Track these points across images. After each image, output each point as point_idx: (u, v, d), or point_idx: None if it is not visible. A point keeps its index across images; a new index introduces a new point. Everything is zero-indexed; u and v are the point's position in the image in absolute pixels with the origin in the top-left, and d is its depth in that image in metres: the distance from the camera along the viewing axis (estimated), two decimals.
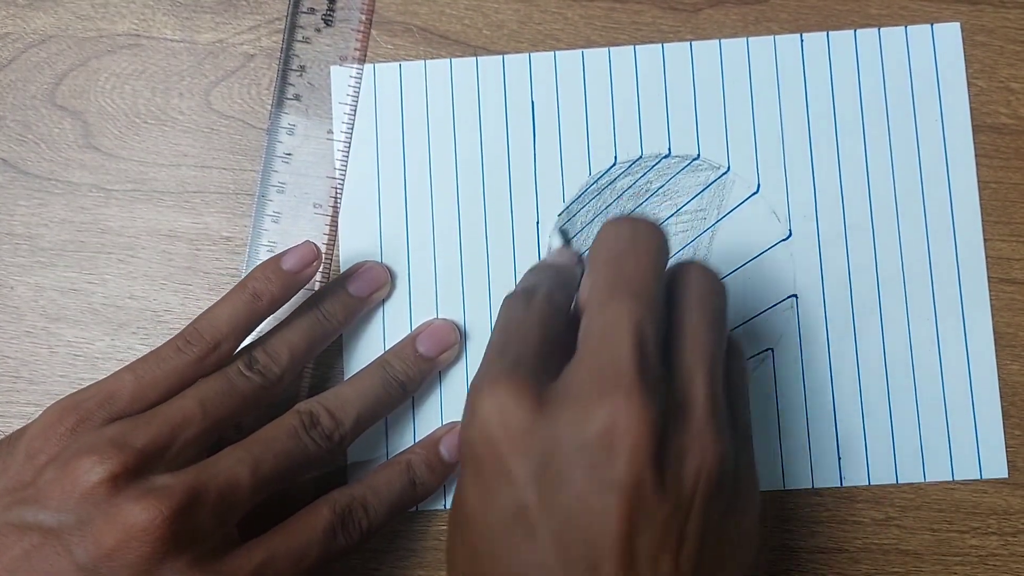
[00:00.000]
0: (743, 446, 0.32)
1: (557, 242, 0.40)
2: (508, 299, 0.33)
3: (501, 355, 0.31)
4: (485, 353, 0.32)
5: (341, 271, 0.40)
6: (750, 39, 0.41)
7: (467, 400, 0.31)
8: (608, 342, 0.29)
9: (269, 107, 0.41)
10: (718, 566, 0.29)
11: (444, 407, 0.40)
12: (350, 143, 0.41)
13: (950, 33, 0.41)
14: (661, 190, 0.41)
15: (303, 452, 0.35)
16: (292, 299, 0.38)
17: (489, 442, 0.29)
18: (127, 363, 0.35)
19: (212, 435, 0.34)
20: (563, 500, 0.28)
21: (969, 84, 0.41)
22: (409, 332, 0.40)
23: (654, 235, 0.32)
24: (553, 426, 0.29)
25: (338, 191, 0.41)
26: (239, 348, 0.36)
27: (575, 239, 0.40)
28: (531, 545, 0.28)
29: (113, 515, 0.31)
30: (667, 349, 0.31)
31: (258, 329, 0.37)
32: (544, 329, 0.32)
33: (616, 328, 0.29)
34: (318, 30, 0.41)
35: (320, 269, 0.37)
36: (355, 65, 0.41)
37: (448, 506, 0.39)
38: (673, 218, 0.41)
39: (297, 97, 0.41)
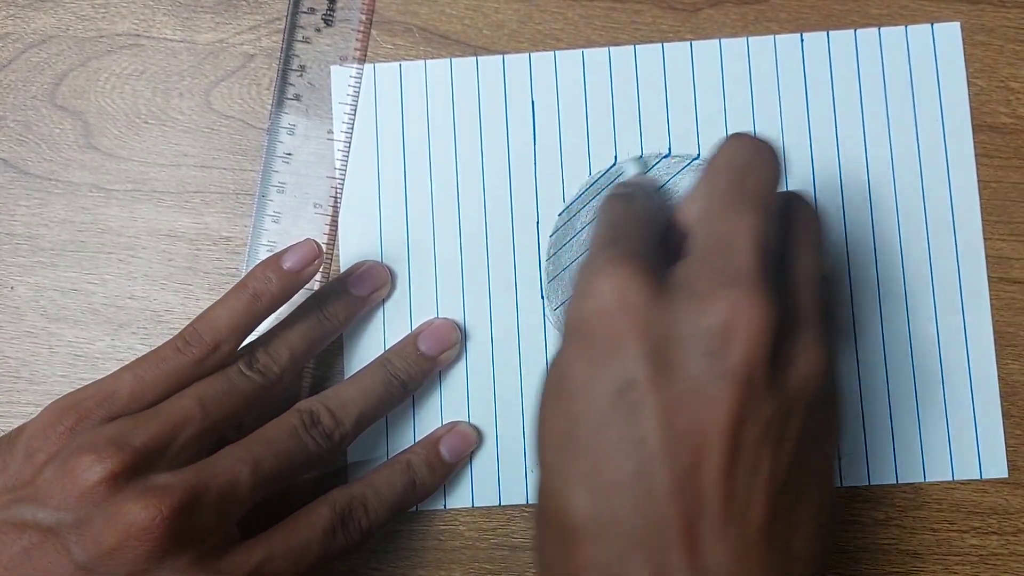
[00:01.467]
0: (835, 372, 0.32)
1: (632, 169, 0.40)
2: (608, 200, 0.34)
3: (614, 243, 0.31)
4: (592, 244, 0.32)
5: (341, 271, 0.40)
6: (750, 39, 0.41)
7: (579, 278, 0.30)
8: (730, 244, 0.29)
9: (269, 107, 0.41)
10: (805, 481, 0.29)
11: (444, 407, 0.40)
12: (350, 143, 0.41)
13: (950, 33, 0.41)
14: (661, 190, 0.41)
15: (303, 451, 0.35)
16: (294, 299, 0.38)
17: (605, 317, 0.29)
18: (127, 363, 0.35)
19: (212, 434, 0.34)
20: (674, 381, 0.28)
21: (969, 84, 0.41)
22: (409, 332, 0.40)
23: (775, 155, 0.32)
24: (672, 311, 0.29)
25: (338, 191, 0.41)
26: (240, 347, 0.36)
27: (569, 269, 0.40)
28: (635, 419, 0.28)
29: (112, 514, 0.31)
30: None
31: (259, 328, 0.37)
32: (653, 225, 0.32)
33: (738, 233, 0.29)
34: (318, 30, 0.41)
35: (321, 268, 0.37)
36: (355, 65, 0.41)
37: (448, 506, 0.39)
38: None
39: (297, 97, 0.41)
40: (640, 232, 0.32)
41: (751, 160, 0.32)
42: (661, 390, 0.28)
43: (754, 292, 0.28)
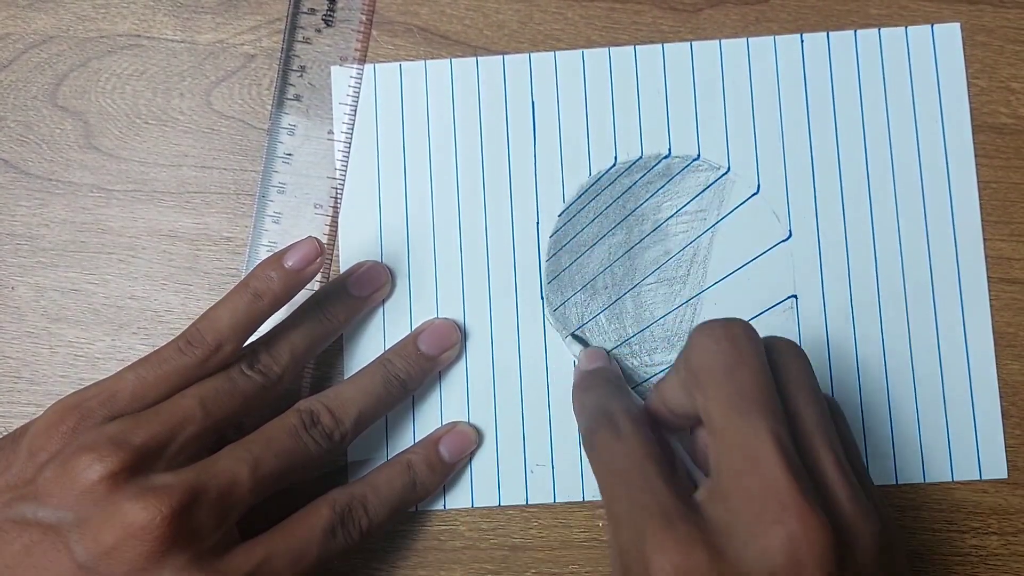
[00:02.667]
0: (876, 497, 0.32)
1: (577, 348, 0.40)
2: (595, 438, 0.33)
3: (640, 506, 0.30)
4: (613, 504, 0.32)
5: (341, 271, 0.40)
6: (750, 39, 0.41)
7: (629, 563, 0.30)
8: (756, 466, 0.29)
9: (269, 107, 0.41)
10: None
11: (444, 407, 0.40)
12: (350, 143, 0.41)
13: (950, 33, 0.41)
14: (661, 191, 0.41)
15: (303, 451, 0.35)
16: (294, 299, 0.38)
17: None
18: (128, 363, 0.35)
19: (212, 434, 0.34)
20: None
21: (969, 84, 0.41)
22: (409, 331, 0.40)
23: (752, 338, 0.32)
24: (736, 569, 0.29)
25: (338, 191, 0.41)
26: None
27: (569, 269, 0.40)
28: None
29: (112, 513, 0.31)
30: None
31: (261, 327, 0.37)
32: (656, 460, 0.32)
33: (759, 449, 0.29)
34: (318, 30, 0.42)
35: (323, 267, 0.37)
36: (355, 65, 0.41)
37: (448, 506, 0.39)
38: (673, 219, 0.41)
39: (297, 97, 0.41)
40: (654, 478, 0.31)
41: (733, 357, 0.31)
42: None
43: (804, 516, 0.28)
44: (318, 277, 0.40)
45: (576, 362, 0.40)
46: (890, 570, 0.30)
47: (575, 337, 0.40)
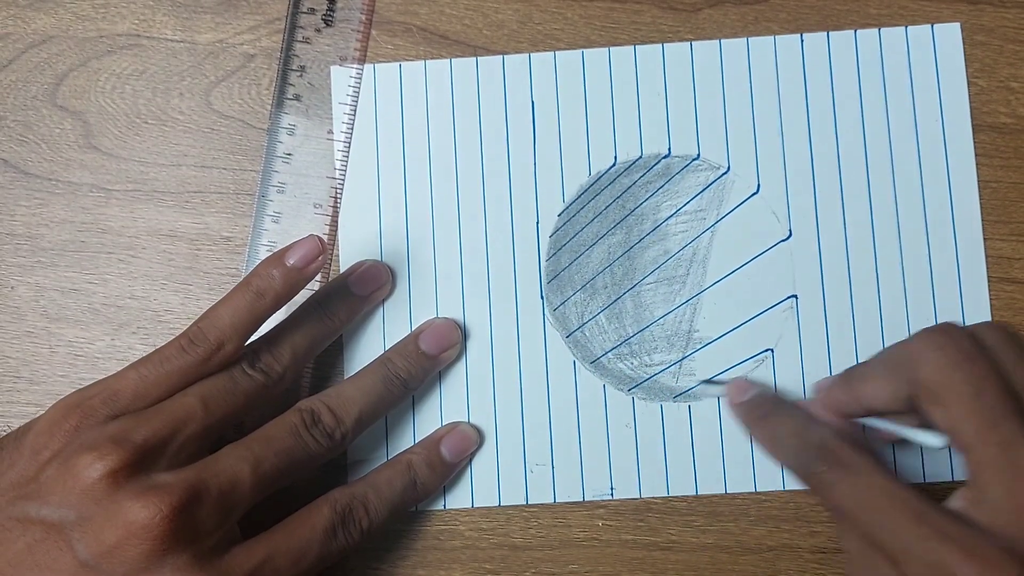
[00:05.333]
0: None
1: (715, 390, 0.40)
2: (825, 480, 0.33)
3: (925, 540, 0.30)
4: (885, 544, 0.31)
5: (341, 271, 0.40)
6: (750, 39, 0.41)
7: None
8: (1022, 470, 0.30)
9: (269, 107, 0.41)
10: None
11: (444, 407, 0.40)
12: (350, 143, 0.41)
13: (950, 33, 0.41)
14: (661, 190, 0.41)
15: (304, 450, 0.35)
16: (295, 299, 0.38)
17: None
18: (127, 363, 0.35)
19: (214, 432, 0.34)
20: None
21: (969, 84, 0.41)
22: (409, 331, 0.40)
23: (979, 345, 0.33)
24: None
25: (338, 191, 0.41)
26: None
27: (569, 269, 0.40)
28: None
29: (114, 512, 0.31)
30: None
31: (262, 327, 0.37)
32: (905, 487, 0.32)
33: (1020, 453, 0.31)
34: (318, 30, 0.41)
35: (324, 264, 0.37)
36: (355, 65, 0.41)
37: (448, 506, 0.39)
38: (673, 218, 0.41)
39: (297, 97, 0.41)
40: (913, 508, 0.31)
41: (975, 372, 0.32)
42: None
43: None
44: (318, 277, 0.40)
45: (719, 399, 0.40)
46: None
47: (708, 382, 0.40)
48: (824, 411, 0.36)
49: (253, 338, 0.37)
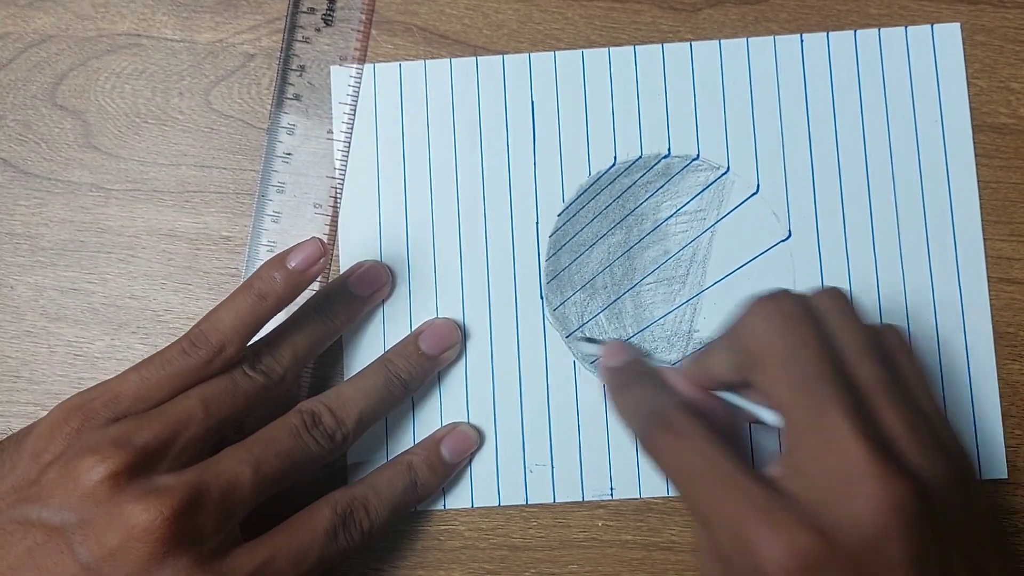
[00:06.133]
0: (945, 435, 0.33)
1: (592, 348, 0.40)
2: (653, 441, 0.34)
3: (728, 502, 0.31)
4: (698, 505, 0.32)
5: (341, 271, 0.40)
6: (750, 39, 0.41)
7: (733, 558, 0.31)
8: (831, 441, 0.30)
9: (269, 107, 0.41)
10: (982, 557, 0.32)
11: (443, 407, 0.40)
12: (350, 143, 0.41)
13: (950, 33, 0.41)
14: (661, 190, 0.41)
15: (305, 451, 0.35)
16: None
17: None
18: (127, 363, 0.35)
19: (215, 434, 0.34)
20: None
21: (969, 84, 0.41)
22: (409, 331, 0.40)
23: (805, 311, 0.33)
24: (839, 543, 0.29)
25: (338, 191, 0.41)
26: None
27: (569, 269, 0.40)
28: None
29: (115, 515, 0.31)
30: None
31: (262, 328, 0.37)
32: (724, 450, 0.32)
33: (831, 426, 0.30)
34: (318, 30, 0.41)
35: (326, 266, 0.37)
36: (355, 65, 0.41)
37: (447, 506, 0.39)
38: (673, 218, 0.41)
39: (297, 97, 0.41)
40: (734, 472, 0.31)
41: (790, 335, 0.32)
42: None
43: (884, 480, 0.29)
44: (320, 278, 0.40)
45: (585, 363, 0.40)
46: (966, 503, 0.31)
47: (586, 339, 0.40)
48: (681, 383, 0.36)
49: (254, 340, 0.37)
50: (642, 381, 0.36)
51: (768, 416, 0.34)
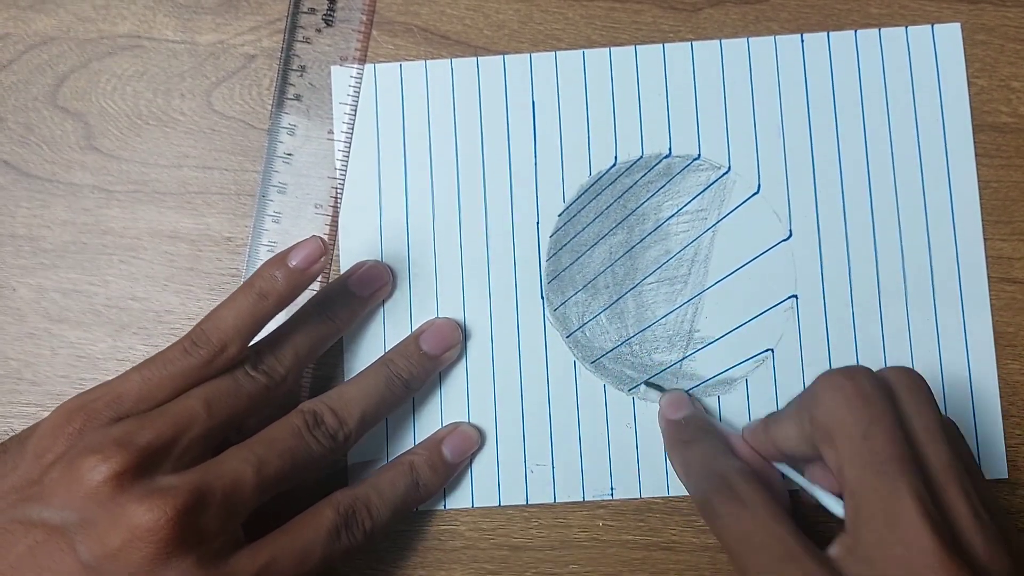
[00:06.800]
0: (1005, 525, 0.32)
1: (654, 395, 0.40)
2: (717, 507, 0.33)
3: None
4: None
5: (341, 271, 0.40)
6: (750, 39, 0.41)
7: None
8: (900, 527, 0.30)
9: (270, 108, 0.41)
10: None
11: (444, 407, 0.40)
12: (351, 143, 0.41)
13: (950, 33, 0.41)
14: (662, 190, 0.41)
15: (307, 451, 0.35)
16: (296, 300, 0.38)
17: None
18: (129, 364, 0.35)
19: (217, 435, 0.35)
20: None
21: (969, 83, 0.41)
22: (410, 331, 0.40)
23: (881, 389, 0.32)
24: None
25: (339, 191, 0.41)
26: None
27: (569, 269, 0.40)
28: None
29: (118, 515, 0.31)
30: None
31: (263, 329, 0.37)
32: (787, 523, 0.32)
33: (901, 511, 0.30)
34: (319, 30, 0.41)
35: (327, 265, 0.37)
36: (356, 65, 0.41)
37: (448, 506, 0.39)
38: (674, 218, 0.41)
39: (298, 97, 0.41)
40: (792, 544, 0.31)
41: (863, 412, 0.32)
42: None
43: (951, 573, 0.29)
44: (320, 278, 0.40)
45: (659, 409, 0.40)
46: None
47: (650, 385, 0.40)
48: (744, 448, 0.36)
49: (255, 340, 0.37)
50: (706, 441, 0.36)
51: (826, 499, 0.34)
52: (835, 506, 0.33)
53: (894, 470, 0.30)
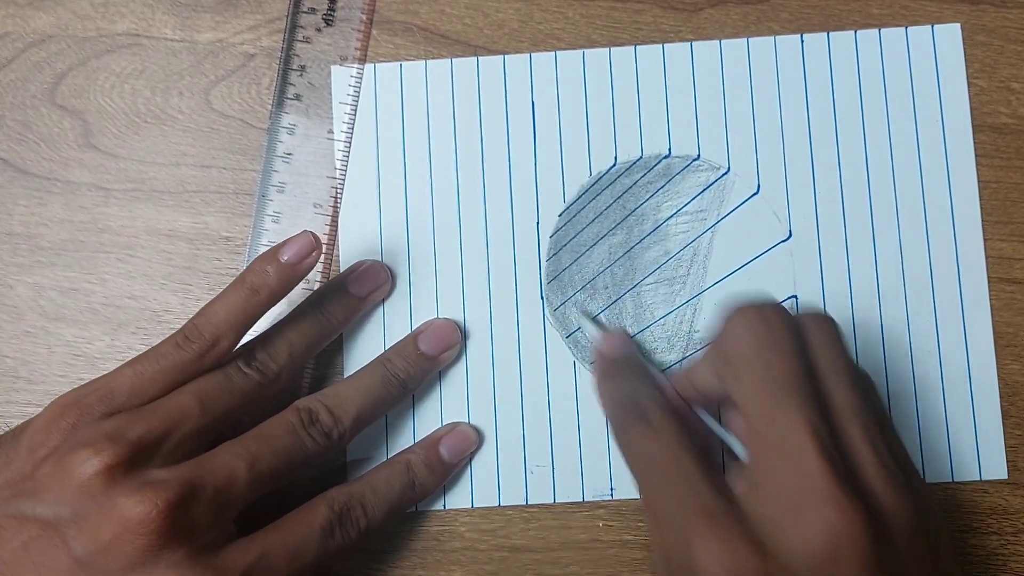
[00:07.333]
0: (913, 476, 0.32)
1: (591, 329, 0.40)
2: (625, 430, 0.34)
3: (681, 504, 0.31)
4: (654, 501, 0.32)
5: (341, 271, 0.40)
6: (750, 39, 0.41)
7: (674, 560, 0.30)
8: (792, 455, 0.30)
9: (269, 107, 0.41)
10: None
11: (444, 407, 0.40)
12: (350, 143, 0.41)
13: (950, 34, 0.41)
14: (661, 191, 0.41)
15: (301, 449, 0.35)
16: (293, 298, 0.38)
17: None
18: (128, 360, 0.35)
19: (210, 431, 0.34)
20: None
21: (969, 84, 0.41)
22: (409, 331, 0.40)
23: (786, 320, 0.32)
24: (779, 562, 0.29)
25: (338, 191, 0.41)
26: (239, 345, 0.36)
27: (569, 269, 0.40)
28: None
29: (109, 508, 0.31)
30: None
31: (259, 326, 0.37)
32: (693, 454, 0.32)
33: (794, 439, 0.30)
34: (319, 30, 0.41)
35: (321, 260, 0.37)
36: (356, 65, 0.41)
37: (447, 507, 0.39)
38: (673, 219, 0.41)
39: (297, 97, 0.41)
40: (694, 472, 0.31)
41: (766, 340, 0.32)
42: None
43: (841, 505, 0.29)
44: (318, 277, 0.40)
45: (579, 356, 0.40)
46: (932, 552, 0.30)
47: (587, 315, 0.40)
48: (668, 388, 0.36)
49: (250, 337, 0.37)
50: (635, 378, 0.36)
51: (733, 442, 0.34)
52: (741, 449, 0.33)
53: (790, 400, 0.30)
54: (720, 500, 0.30)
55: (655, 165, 0.41)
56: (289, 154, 0.41)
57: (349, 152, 0.41)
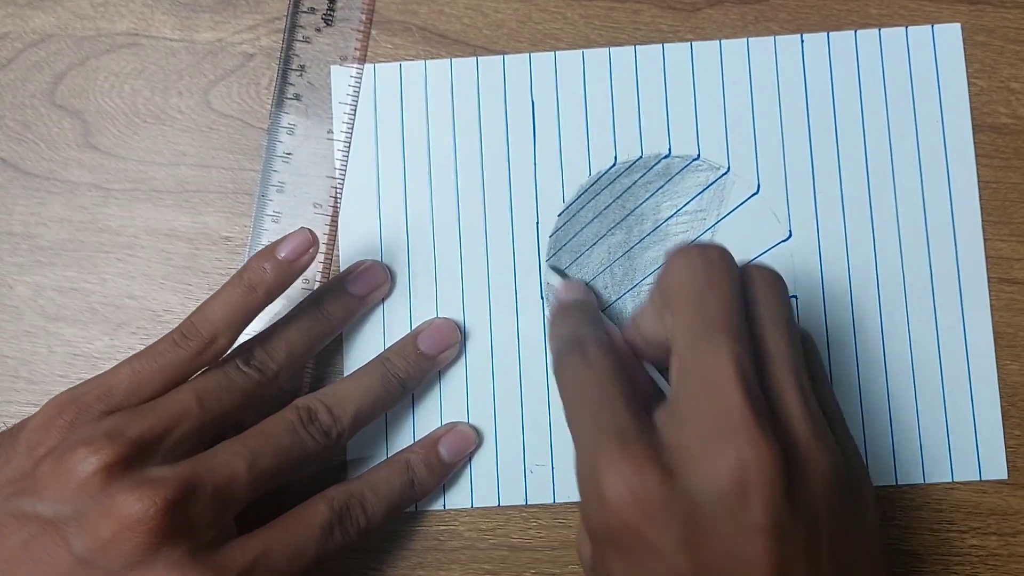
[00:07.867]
0: (843, 436, 0.32)
1: (556, 280, 0.40)
2: (561, 360, 0.34)
3: (598, 427, 0.31)
4: (574, 425, 0.32)
5: (341, 271, 0.40)
6: (750, 39, 0.41)
7: (585, 480, 0.31)
8: (713, 388, 0.30)
9: (269, 107, 0.41)
10: (855, 564, 0.30)
11: (443, 407, 0.40)
12: (350, 143, 0.41)
13: (950, 34, 0.41)
14: (661, 190, 0.41)
15: (300, 447, 0.35)
16: (293, 297, 0.38)
17: (629, 523, 0.29)
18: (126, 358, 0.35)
19: (209, 429, 0.34)
20: (712, 556, 0.29)
21: (969, 84, 0.41)
22: (409, 331, 0.40)
23: (726, 261, 0.32)
24: (686, 489, 0.29)
25: (338, 191, 0.41)
26: (238, 343, 0.36)
27: (569, 269, 0.40)
28: None
29: (108, 506, 0.31)
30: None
31: (259, 325, 0.37)
32: (620, 384, 0.32)
33: (718, 372, 0.30)
34: (318, 30, 0.41)
35: (320, 259, 0.37)
36: (355, 65, 0.41)
37: (447, 506, 0.39)
38: (673, 219, 0.41)
39: (297, 97, 0.41)
40: (616, 398, 0.31)
41: (704, 280, 0.32)
42: (705, 569, 0.29)
43: (753, 438, 0.28)
44: (318, 276, 0.40)
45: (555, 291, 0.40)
46: (850, 511, 0.30)
47: (554, 269, 0.40)
48: (617, 336, 0.36)
49: (248, 335, 0.37)
50: (580, 316, 0.36)
51: (663, 382, 0.34)
52: (670, 390, 0.33)
53: (719, 335, 0.30)
54: (635, 424, 0.30)
55: (655, 165, 0.41)
56: (289, 154, 0.41)
57: (349, 152, 0.41)
